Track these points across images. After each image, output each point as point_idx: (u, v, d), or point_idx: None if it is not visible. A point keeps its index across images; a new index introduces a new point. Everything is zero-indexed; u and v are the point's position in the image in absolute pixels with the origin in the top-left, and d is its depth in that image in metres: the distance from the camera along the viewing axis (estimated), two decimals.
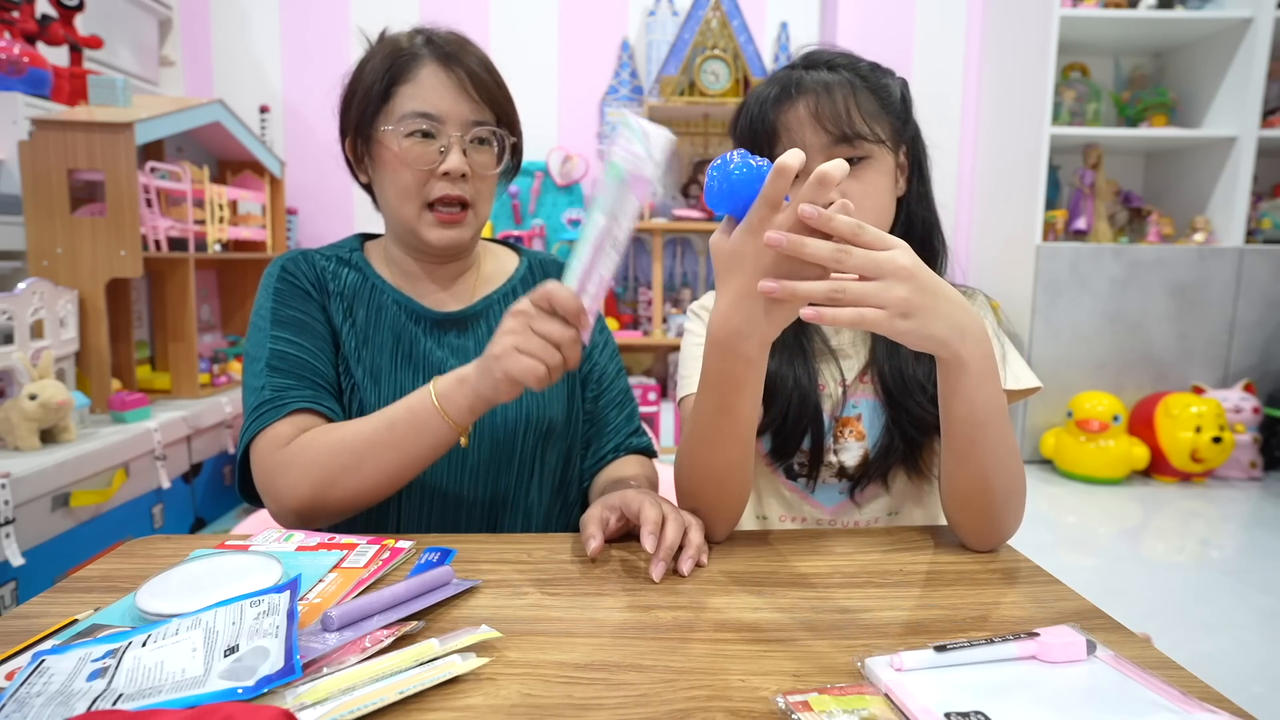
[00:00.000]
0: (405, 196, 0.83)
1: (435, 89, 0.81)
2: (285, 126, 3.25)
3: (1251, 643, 1.66)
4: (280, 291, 0.85)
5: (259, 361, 0.81)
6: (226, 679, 0.46)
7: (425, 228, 0.84)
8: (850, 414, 0.86)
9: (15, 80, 1.95)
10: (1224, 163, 3.04)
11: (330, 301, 0.87)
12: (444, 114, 0.81)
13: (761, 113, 0.79)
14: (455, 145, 0.82)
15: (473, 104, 0.83)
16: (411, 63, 0.82)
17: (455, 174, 0.82)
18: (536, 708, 0.47)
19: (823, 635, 0.56)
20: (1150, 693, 0.47)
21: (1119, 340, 3.00)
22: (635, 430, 0.99)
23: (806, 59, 0.83)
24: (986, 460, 0.69)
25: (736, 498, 0.74)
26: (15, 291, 1.71)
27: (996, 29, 3.29)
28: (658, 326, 3.18)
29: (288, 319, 0.84)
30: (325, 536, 0.72)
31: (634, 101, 3.29)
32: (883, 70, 0.83)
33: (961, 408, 0.66)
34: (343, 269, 0.89)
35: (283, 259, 0.88)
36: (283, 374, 0.80)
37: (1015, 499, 0.72)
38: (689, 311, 0.94)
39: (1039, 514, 2.52)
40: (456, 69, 0.82)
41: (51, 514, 1.60)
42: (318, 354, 0.83)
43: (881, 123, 0.78)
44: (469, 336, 0.90)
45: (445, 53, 0.83)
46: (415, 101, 0.81)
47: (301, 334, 0.83)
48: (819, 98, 0.77)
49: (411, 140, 0.81)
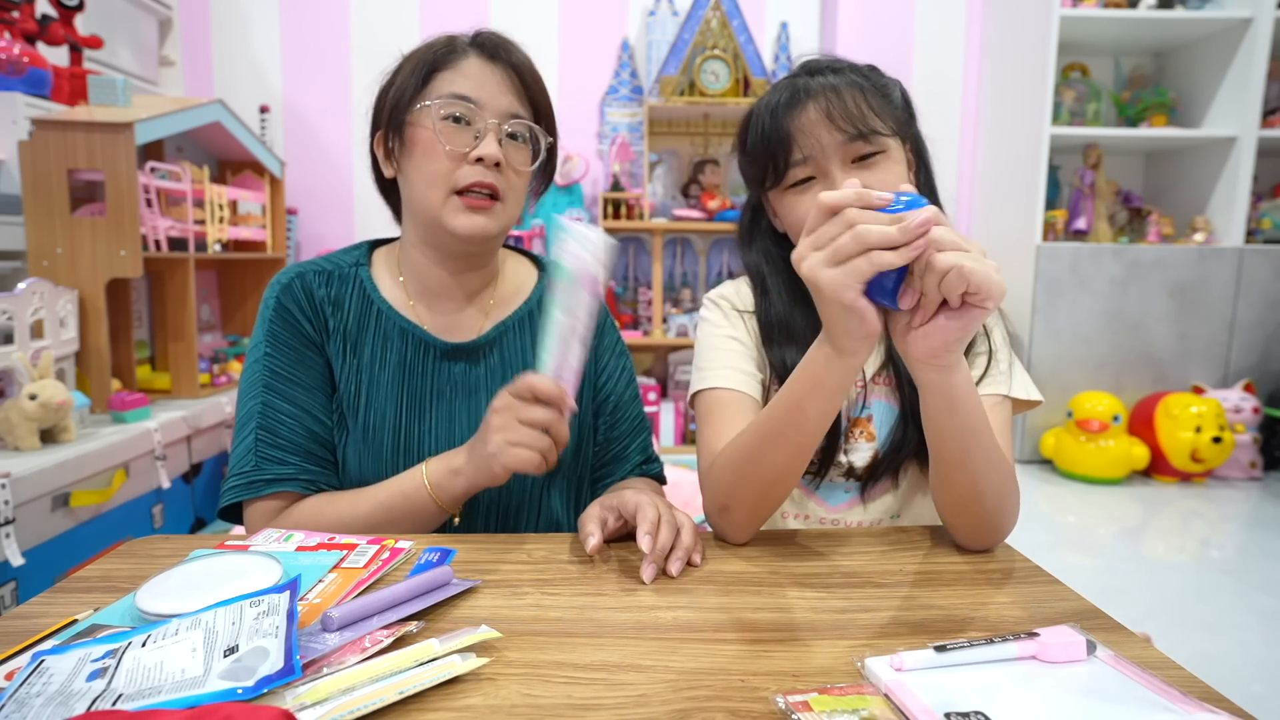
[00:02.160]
0: (433, 182, 0.80)
1: (476, 76, 0.81)
2: (285, 126, 3.25)
3: (1251, 643, 1.66)
4: (275, 335, 0.82)
5: (250, 420, 0.81)
6: (226, 679, 0.46)
7: (451, 214, 0.80)
8: (862, 415, 0.86)
9: (15, 80, 1.95)
10: (1224, 163, 3.04)
11: (330, 342, 0.84)
12: (483, 100, 0.80)
13: (774, 121, 0.79)
14: (491, 132, 0.79)
15: (512, 96, 0.82)
16: (454, 53, 0.82)
17: (489, 161, 0.79)
18: (536, 708, 0.47)
19: (823, 635, 0.56)
20: (1150, 693, 0.47)
21: (1119, 340, 3.00)
22: (648, 458, 0.98)
23: (806, 67, 0.83)
24: (978, 468, 0.69)
25: (774, 504, 0.74)
26: (15, 291, 1.71)
27: (996, 29, 3.29)
28: (658, 326, 3.18)
29: (282, 372, 0.82)
30: (325, 537, 0.72)
31: (634, 101, 3.29)
32: (879, 72, 0.85)
33: (948, 426, 0.67)
34: (345, 294, 0.85)
35: (280, 286, 0.84)
36: (270, 442, 0.80)
37: (1008, 501, 0.72)
38: (706, 301, 0.93)
39: (1039, 514, 2.52)
40: (500, 62, 0.82)
41: (51, 514, 1.60)
42: (310, 416, 0.82)
43: (890, 117, 0.79)
44: (480, 366, 0.88)
45: (490, 46, 0.83)
46: (455, 85, 0.80)
47: (295, 390, 0.82)
48: (829, 99, 0.77)
49: (446, 123, 0.79)
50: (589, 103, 3.32)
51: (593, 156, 3.32)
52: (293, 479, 0.79)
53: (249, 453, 0.79)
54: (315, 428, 0.82)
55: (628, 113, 3.31)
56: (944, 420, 0.67)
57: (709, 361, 0.86)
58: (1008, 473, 0.72)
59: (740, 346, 0.87)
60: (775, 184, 0.81)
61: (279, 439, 0.80)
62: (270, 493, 0.79)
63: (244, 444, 0.80)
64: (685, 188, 3.29)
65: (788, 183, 0.80)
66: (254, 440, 0.80)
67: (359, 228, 3.26)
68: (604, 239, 0.70)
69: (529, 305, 0.92)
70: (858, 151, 0.77)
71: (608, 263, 0.70)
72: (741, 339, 0.88)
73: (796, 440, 0.70)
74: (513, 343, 0.90)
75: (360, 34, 3.19)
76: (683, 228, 3.16)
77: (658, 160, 3.32)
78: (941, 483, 0.72)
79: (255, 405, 0.81)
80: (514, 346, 0.90)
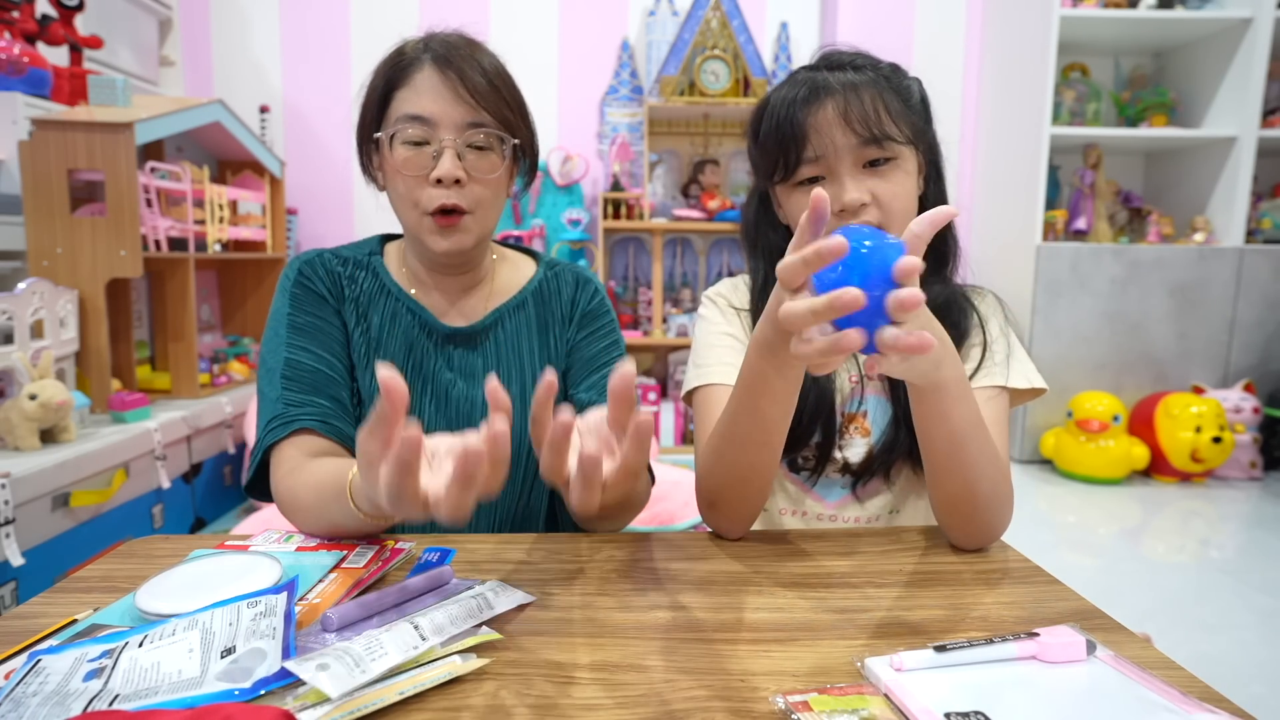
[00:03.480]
0: (404, 205, 0.82)
1: (428, 92, 0.79)
2: (285, 126, 3.25)
3: (1251, 643, 1.66)
4: (297, 296, 0.85)
5: (274, 371, 0.81)
6: (223, 680, 0.46)
7: (427, 235, 0.82)
8: (857, 411, 0.86)
9: (15, 80, 1.95)
10: (1224, 163, 3.04)
11: (345, 306, 0.87)
12: (436, 117, 0.79)
13: (789, 114, 0.77)
14: (448, 149, 0.79)
15: (467, 106, 0.79)
16: (409, 67, 0.81)
17: (448, 180, 0.78)
18: (536, 708, 0.47)
19: (823, 635, 0.56)
20: (1150, 693, 0.47)
21: (1119, 340, 3.00)
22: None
23: (827, 59, 0.81)
24: (969, 472, 0.69)
25: (756, 499, 0.74)
26: (15, 291, 1.71)
27: (996, 29, 3.29)
28: (658, 326, 3.17)
29: (304, 325, 0.83)
30: (325, 536, 0.72)
31: (634, 101, 3.29)
32: (902, 71, 0.83)
33: (940, 427, 0.67)
34: (359, 273, 0.88)
35: (300, 260, 0.87)
36: (296, 386, 0.80)
37: (1002, 501, 0.72)
38: (705, 298, 0.93)
39: (1039, 514, 2.52)
40: (449, 71, 0.79)
41: (51, 514, 1.60)
42: (333, 363, 0.83)
43: (906, 123, 0.78)
44: (477, 354, 0.89)
45: (441, 55, 0.80)
46: (408, 105, 0.79)
47: (317, 342, 0.83)
48: (848, 99, 0.75)
49: (405, 147, 0.79)
50: (589, 103, 3.32)
51: (593, 156, 3.32)
52: (316, 419, 0.78)
53: (277, 400, 0.79)
54: (336, 376, 0.83)
55: (628, 113, 3.31)
56: (935, 423, 0.67)
57: (705, 358, 0.86)
58: (1002, 473, 0.72)
59: (736, 343, 0.87)
60: (785, 178, 0.80)
61: (303, 384, 0.80)
62: (291, 432, 0.77)
63: (271, 389, 0.80)
64: (685, 188, 3.29)
65: (797, 179, 0.79)
66: (281, 383, 0.79)
67: (359, 228, 3.26)
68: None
69: (523, 294, 0.92)
70: (870, 155, 0.76)
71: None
72: (738, 336, 0.88)
73: (759, 440, 0.70)
74: (508, 328, 0.90)
75: (360, 34, 3.19)
76: (683, 228, 3.16)
77: (658, 160, 3.32)
78: (934, 481, 0.73)
79: (279, 360, 0.81)
80: (509, 332, 0.90)
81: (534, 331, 0.91)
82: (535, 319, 0.92)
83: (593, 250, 3.21)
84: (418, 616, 0.53)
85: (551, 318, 0.92)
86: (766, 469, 0.73)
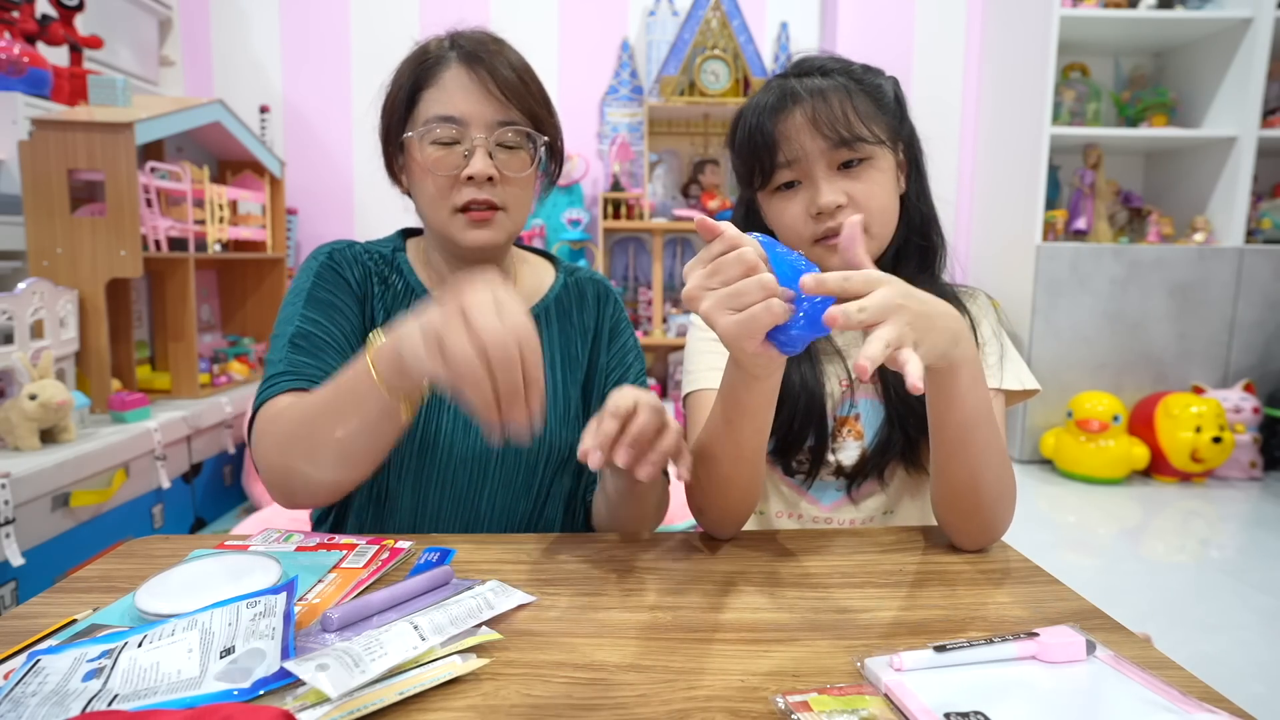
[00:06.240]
0: (434, 202, 0.81)
1: (458, 91, 0.79)
2: (285, 126, 3.25)
3: (1251, 643, 1.66)
4: (321, 274, 0.84)
5: (283, 338, 0.80)
6: (222, 680, 0.46)
7: (458, 230, 0.81)
8: (850, 414, 0.86)
9: (15, 80, 1.95)
10: (1224, 163, 3.04)
11: (373, 303, 0.86)
12: (467, 116, 0.78)
13: (760, 123, 0.79)
14: (480, 148, 0.78)
15: (498, 104, 0.79)
16: (436, 66, 0.80)
17: (480, 178, 0.79)
18: (536, 708, 0.47)
19: (823, 635, 0.56)
20: (1150, 693, 0.47)
21: (1119, 340, 3.00)
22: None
23: (798, 66, 0.83)
24: (976, 462, 0.69)
25: (739, 509, 0.75)
26: (15, 291, 1.71)
27: (996, 29, 3.29)
28: (658, 326, 3.18)
29: (322, 300, 0.82)
30: (325, 537, 0.72)
31: (634, 101, 3.29)
32: (874, 71, 0.84)
33: (954, 411, 0.67)
34: (386, 271, 0.87)
35: (331, 246, 0.86)
36: (303, 352, 0.79)
37: (1005, 500, 0.72)
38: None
39: (1039, 514, 2.52)
40: (479, 69, 0.79)
41: (51, 514, 1.60)
42: (343, 338, 0.82)
43: (879, 123, 0.79)
44: None
45: (469, 53, 0.80)
46: (438, 105, 0.79)
47: (331, 317, 0.82)
48: (815, 104, 0.77)
49: (435, 146, 0.79)
50: (589, 103, 3.32)
51: (593, 156, 3.32)
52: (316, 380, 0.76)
53: (280, 360, 0.78)
54: (346, 350, 0.81)
55: (628, 113, 3.31)
56: (948, 406, 0.67)
57: (695, 364, 0.87)
58: (1006, 468, 0.72)
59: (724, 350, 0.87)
60: (763, 185, 0.82)
61: (309, 349, 0.79)
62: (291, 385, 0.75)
63: (277, 354, 0.78)
64: (685, 188, 3.29)
65: (774, 185, 0.81)
66: (288, 348, 0.78)
67: (359, 228, 3.26)
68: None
69: (545, 302, 0.92)
70: (842, 158, 0.77)
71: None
72: None
73: (735, 454, 0.70)
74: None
75: (360, 34, 3.19)
76: (683, 228, 3.16)
77: (658, 160, 3.32)
78: (940, 470, 0.72)
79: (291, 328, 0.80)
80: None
81: (555, 342, 0.91)
82: (557, 329, 0.91)
83: (593, 250, 3.21)
84: (417, 616, 0.53)
85: (573, 329, 0.92)
86: (746, 481, 0.73)
